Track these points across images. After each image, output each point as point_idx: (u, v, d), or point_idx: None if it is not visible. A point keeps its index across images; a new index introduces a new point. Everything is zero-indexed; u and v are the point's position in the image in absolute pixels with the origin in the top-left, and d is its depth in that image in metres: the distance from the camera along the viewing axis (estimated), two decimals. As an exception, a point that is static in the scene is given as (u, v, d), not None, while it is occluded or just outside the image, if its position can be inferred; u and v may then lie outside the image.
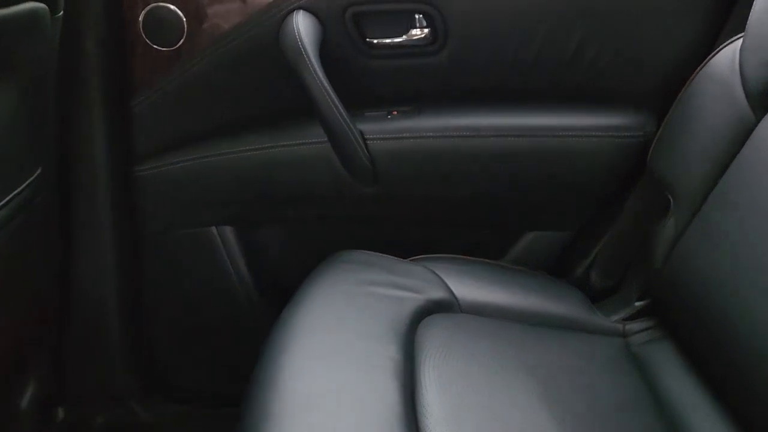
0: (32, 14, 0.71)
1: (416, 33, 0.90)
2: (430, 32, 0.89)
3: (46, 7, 0.73)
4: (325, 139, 0.91)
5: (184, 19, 0.90)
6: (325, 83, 0.85)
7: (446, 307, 0.80)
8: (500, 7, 0.86)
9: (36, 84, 0.77)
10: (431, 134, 0.91)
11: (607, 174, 0.91)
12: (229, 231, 1.01)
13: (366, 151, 0.90)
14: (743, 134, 0.70)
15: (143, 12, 0.90)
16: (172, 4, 0.89)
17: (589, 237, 0.96)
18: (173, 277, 1.04)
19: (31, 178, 0.79)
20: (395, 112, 0.94)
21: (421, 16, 0.89)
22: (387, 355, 0.67)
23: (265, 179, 0.96)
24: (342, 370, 0.65)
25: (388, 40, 0.90)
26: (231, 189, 0.98)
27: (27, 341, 0.95)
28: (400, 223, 1.00)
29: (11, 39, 0.68)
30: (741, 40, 0.74)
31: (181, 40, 0.91)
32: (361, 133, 0.90)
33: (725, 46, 0.76)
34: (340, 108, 0.87)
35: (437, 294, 0.81)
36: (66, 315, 1.01)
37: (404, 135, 0.91)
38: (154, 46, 0.91)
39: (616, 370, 0.76)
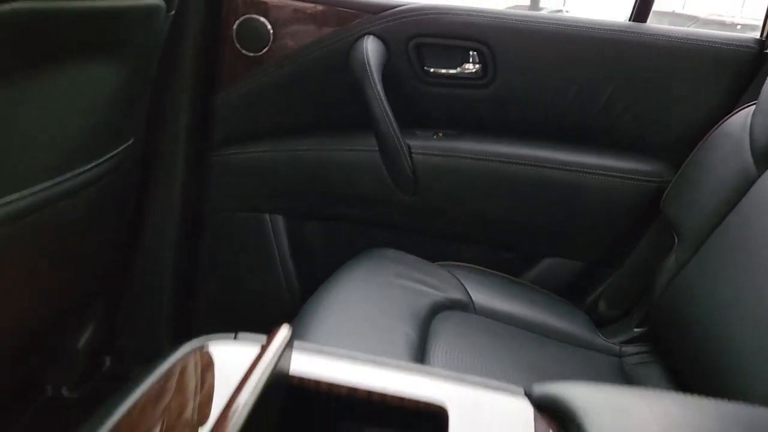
0: (151, 8, 0.85)
1: (469, 67, 1.02)
2: (481, 68, 1.01)
3: (164, 5, 0.87)
4: (377, 148, 1.03)
5: (271, 31, 1.04)
6: (384, 100, 0.97)
7: (462, 306, 0.90)
8: (542, 58, 0.98)
9: (142, 67, 0.92)
10: (471, 156, 1.02)
11: (625, 213, 1.00)
12: (280, 220, 1.13)
13: (411, 164, 1.02)
14: (745, 185, 0.78)
15: (237, 21, 1.04)
16: (263, 17, 1.04)
17: (602, 269, 1.05)
18: (224, 255, 1.17)
19: (124, 146, 0.93)
20: (441, 134, 1.05)
21: (475, 53, 1.01)
22: (404, 331, 0.77)
23: (320, 177, 1.09)
24: (363, 336, 0.75)
25: (443, 71, 1.03)
26: (288, 182, 1.11)
27: (91, 290, 1.08)
28: (433, 233, 1.11)
29: (132, 25, 0.82)
30: (754, 106, 0.83)
31: (266, 48, 1.05)
32: (409, 148, 1.02)
33: (740, 110, 0.86)
34: (394, 123, 0.99)
35: (456, 294, 0.91)
36: (127, 274, 1.14)
37: (447, 153, 1.03)
38: (243, 51, 1.06)
39: (606, 380, 0.84)
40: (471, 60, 1.02)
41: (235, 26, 1.05)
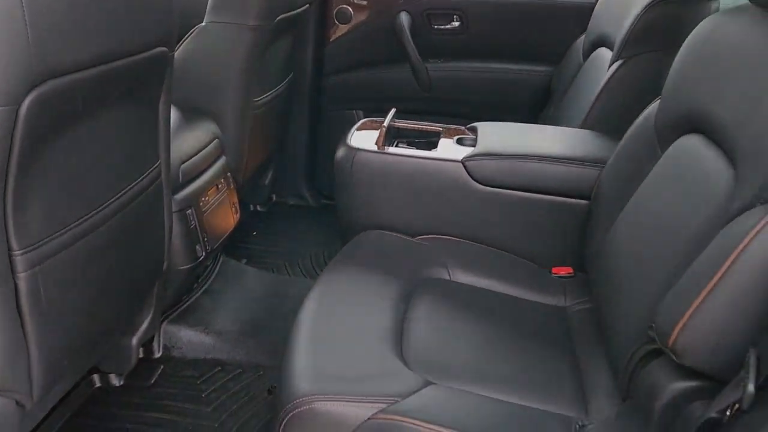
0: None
1: (453, 24, 1.97)
2: (459, 25, 1.97)
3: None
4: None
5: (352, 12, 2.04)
6: (412, 46, 1.95)
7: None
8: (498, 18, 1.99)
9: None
10: (459, 69, 2.01)
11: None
12: (361, 114, 2.05)
13: (428, 75, 2.00)
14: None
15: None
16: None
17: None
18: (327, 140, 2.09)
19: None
20: (441, 61, 2.03)
21: (456, 16, 1.95)
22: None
23: (384, 87, 2.07)
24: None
25: (442, 27, 1.97)
26: (368, 92, 2.09)
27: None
28: (442, 114, 1.82)
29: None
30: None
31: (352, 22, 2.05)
32: (426, 69, 1.99)
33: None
34: (418, 57, 1.97)
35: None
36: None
37: (445, 70, 2.00)
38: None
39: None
40: (455, 20, 1.97)
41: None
